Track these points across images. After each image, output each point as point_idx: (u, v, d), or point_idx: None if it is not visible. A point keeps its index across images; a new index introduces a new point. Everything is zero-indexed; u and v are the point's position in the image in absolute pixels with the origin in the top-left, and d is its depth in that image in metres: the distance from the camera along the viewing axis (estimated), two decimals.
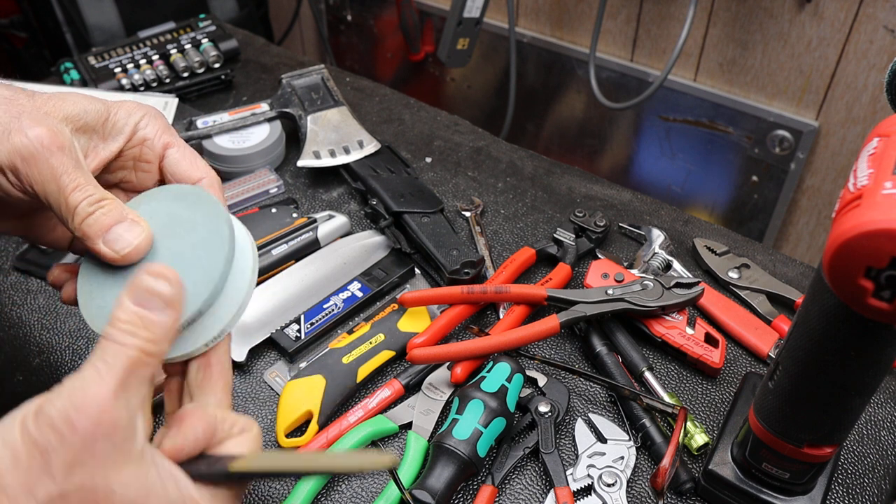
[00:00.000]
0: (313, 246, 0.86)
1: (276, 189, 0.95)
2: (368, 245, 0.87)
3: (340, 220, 0.88)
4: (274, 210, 0.90)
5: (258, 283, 0.81)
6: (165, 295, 0.42)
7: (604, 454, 0.66)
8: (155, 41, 1.14)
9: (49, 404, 0.39)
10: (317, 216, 0.88)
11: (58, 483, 0.37)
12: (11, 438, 0.38)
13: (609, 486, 0.64)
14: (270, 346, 0.77)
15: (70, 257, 0.81)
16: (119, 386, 0.39)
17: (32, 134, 0.46)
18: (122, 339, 0.40)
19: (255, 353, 0.76)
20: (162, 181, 0.55)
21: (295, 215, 0.89)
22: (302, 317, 0.78)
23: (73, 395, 0.38)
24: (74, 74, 1.09)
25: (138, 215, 0.49)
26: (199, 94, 1.14)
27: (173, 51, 1.13)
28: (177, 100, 1.05)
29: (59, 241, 0.57)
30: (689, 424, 0.68)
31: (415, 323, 0.77)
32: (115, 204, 0.48)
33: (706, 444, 0.67)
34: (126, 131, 0.53)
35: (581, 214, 0.88)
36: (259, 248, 0.83)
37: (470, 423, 0.64)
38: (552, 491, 0.64)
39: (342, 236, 0.89)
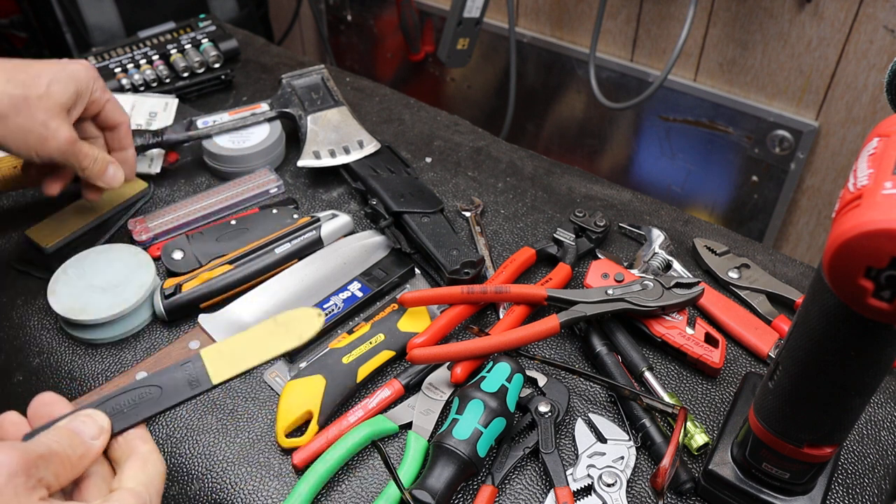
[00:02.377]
0: (316, 245, 0.86)
1: (276, 189, 0.95)
2: (368, 245, 0.87)
3: (343, 219, 0.88)
4: (275, 211, 0.90)
5: (259, 283, 0.81)
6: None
7: (604, 454, 0.66)
8: (155, 41, 1.14)
9: None
10: (320, 215, 0.88)
11: None
12: None
13: (609, 486, 0.64)
14: None
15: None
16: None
17: (62, 139, 0.75)
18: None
19: None
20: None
21: (296, 216, 0.89)
22: None
23: None
24: None
25: (117, 163, 0.83)
26: (199, 94, 1.14)
27: (173, 51, 1.13)
28: (177, 100, 1.05)
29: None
30: (689, 424, 0.68)
31: (415, 323, 0.77)
32: (103, 156, 0.81)
33: (706, 444, 0.67)
34: (87, 101, 0.79)
35: (581, 214, 0.88)
36: (262, 248, 0.84)
37: (470, 423, 0.64)
38: (552, 491, 0.64)
39: (345, 235, 0.89)
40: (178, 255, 0.84)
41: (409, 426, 0.70)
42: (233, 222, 0.88)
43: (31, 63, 0.75)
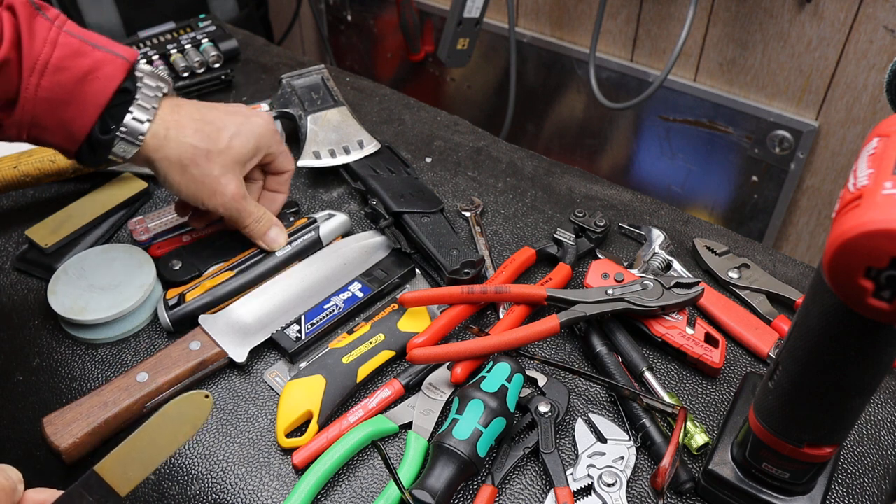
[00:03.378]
0: (316, 245, 0.86)
1: None
2: (369, 245, 0.87)
3: (341, 218, 0.88)
4: None
5: (260, 284, 0.81)
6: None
7: (604, 454, 0.66)
8: (155, 41, 1.14)
9: None
10: (317, 216, 0.88)
11: None
12: None
13: (609, 486, 0.64)
14: (271, 347, 0.77)
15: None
16: None
17: (230, 194, 0.78)
18: None
19: (255, 353, 0.76)
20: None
21: (292, 218, 0.89)
22: (302, 317, 0.78)
23: None
24: None
25: (282, 225, 0.85)
26: (199, 94, 1.14)
27: (173, 51, 1.13)
28: None
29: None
30: (689, 424, 0.68)
31: (415, 323, 0.77)
32: (268, 216, 0.83)
33: (706, 444, 0.67)
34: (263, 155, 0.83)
35: (581, 214, 0.88)
36: (262, 251, 0.84)
37: (470, 423, 0.64)
38: (552, 491, 0.64)
39: (343, 235, 0.89)
40: (177, 265, 0.83)
41: (409, 426, 0.70)
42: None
43: (217, 113, 0.78)
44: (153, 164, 0.76)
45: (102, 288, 0.78)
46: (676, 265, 0.84)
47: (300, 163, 0.94)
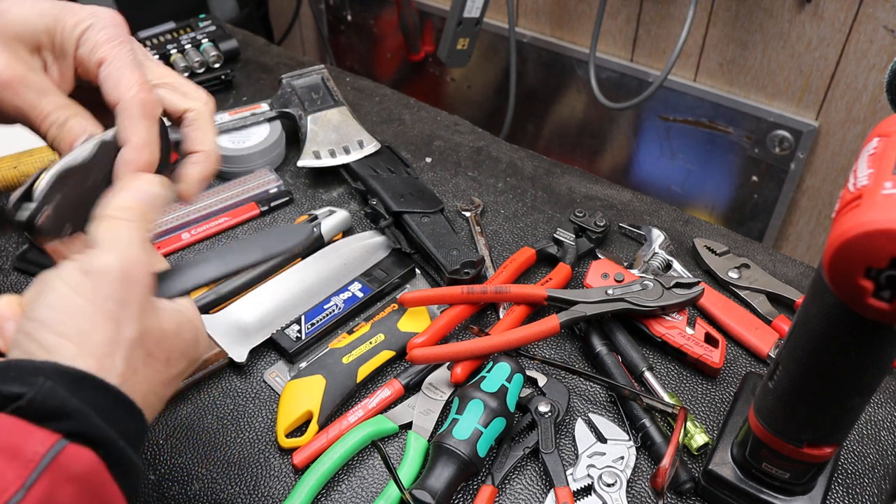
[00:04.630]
0: (317, 242, 0.86)
1: (276, 189, 0.95)
2: (369, 245, 0.87)
3: (341, 214, 0.89)
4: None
5: (260, 284, 0.81)
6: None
7: (604, 454, 0.66)
8: (155, 41, 1.14)
9: (100, 265, 0.44)
10: (317, 213, 0.88)
11: (134, 328, 0.44)
12: (75, 305, 0.43)
13: (609, 486, 0.64)
14: (271, 347, 0.77)
15: None
16: (143, 252, 0.46)
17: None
18: (128, 220, 0.47)
19: (255, 353, 0.76)
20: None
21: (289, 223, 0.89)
22: (302, 317, 0.78)
23: (120, 255, 0.45)
24: None
25: (95, 129, 0.52)
26: None
27: (173, 51, 1.13)
28: None
29: None
30: (689, 424, 0.68)
31: (415, 323, 0.77)
32: (76, 121, 0.52)
33: (706, 444, 0.67)
34: (70, 49, 0.52)
35: (581, 214, 0.88)
36: None
37: (470, 423, 0.64)
38: (552, 491, 0.64)
39: (344, 232, 0.89)
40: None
41: (409, 426, 0.70)
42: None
43: None
44: None
45: None
46: (676, 265, 0.84)
47: (300, 163, 0.94)
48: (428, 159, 1.02)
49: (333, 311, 0.79)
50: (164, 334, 0.47)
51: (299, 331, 0.77)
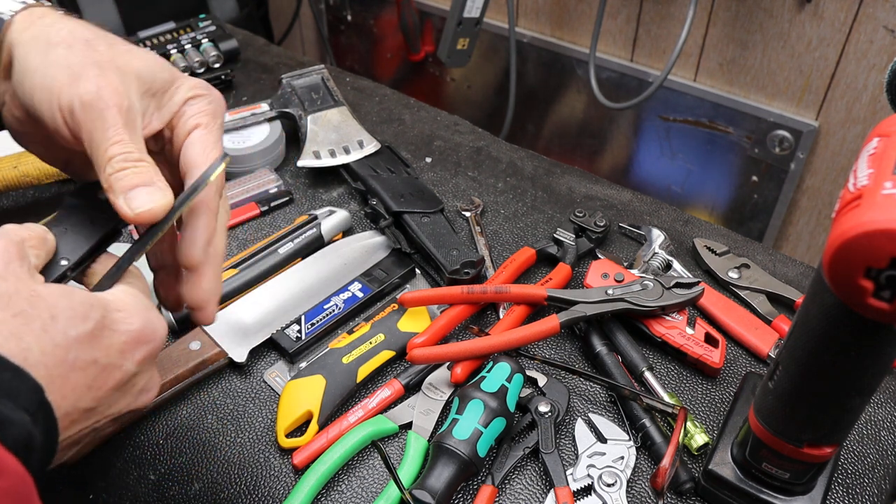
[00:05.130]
0: (318, 242, 0.86)
1: (276, 189, 0.95)
2: (369, 245, 0.87)
3: (341, 214, 0.89)
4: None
5: (261, 283, 0.81)
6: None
7: (604, 454, 0.66)
8: (155, 41, 1.14)
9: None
10: (317, 213, 0.88)
11: None
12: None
13: (609, 486, 0.64)
14: (271, 347, 0.77)
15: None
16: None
17: (97, 84, 0.49)
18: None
19: (255, 353, 0.76)
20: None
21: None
22: (302, 317, 0.78)
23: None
24: None
25: (167, 185, 0.50)
26: None
27: (173, 51, 1.13)
28: None
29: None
30: (689, 424, 0.68)
31: (415, 323, 0.77)
32: (148, 168, 0.49)
33: (706, 444, 0.67)
34: (174, 107, 0.54)
35: (581, 214, 0.88)
36: (264, 248, 0.84)
37: (470, 423, 0.64)
38: (552, 491, 0.64)
39: (344, 232, 0.89)
40: None
41: (409, 426, 0.70)
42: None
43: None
44: (10, 50, 0.53)
45: None
46: (676, 265, 0.84)
47: (300, 163, 0.94)
48: (428, 159, 1.02)
49: (333, 311, 0.79)
50: (37, 293, 0.42)
51: (299, 331, 0.77)
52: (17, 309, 0.41)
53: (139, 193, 0.48)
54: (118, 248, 0.54)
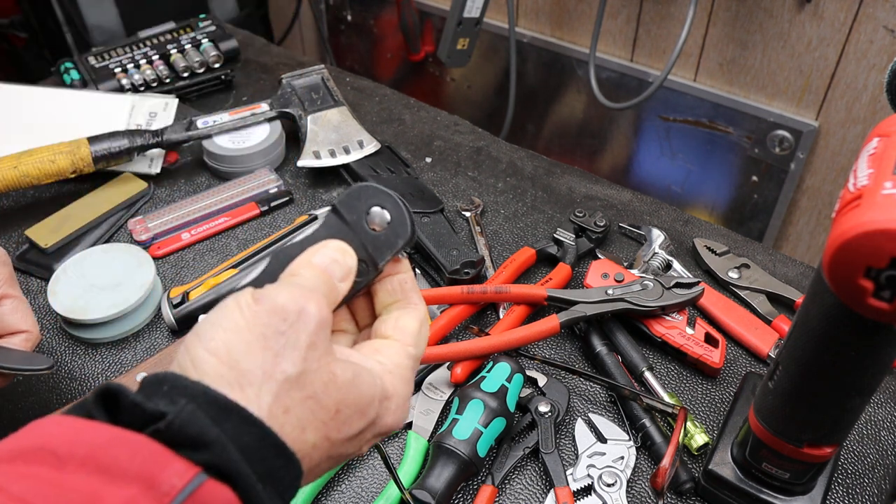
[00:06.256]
0: None
1: (276, 189, 0.95)
2: None
3: None
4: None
5: None
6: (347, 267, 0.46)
7: (604, 454, 0.66)
8: (155, 41, 1.14)
9: (273, 295, 0.40)
10: (317, 212, 0.88)
11: (296, 365, 0.39)
12: (235, 324, 0.40)
13: (609, 486, 0.64)
14: None
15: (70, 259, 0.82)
16: (324, 295, 0.42)
17: None
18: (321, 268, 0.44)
19: None
20: None
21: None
22: None
23: (296, 293, 0.41)
24: (74, 74, 1.09)
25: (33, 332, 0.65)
26: (199, 95, 1.14)
27: (173, 51, 1.13)
28: (177, 100, 1.05)
29: None
30: (689, 424, 0.68)
31: None
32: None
33: (706, 444, 0.67)
34: None
35: (581, 214, 0.88)
36: (264, 249, 0.84)
37: (470, 423, 0.64)
38: (552, 491, 0.64)
39: None
40: None
41: (409, 426, 0.70)
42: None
43: None
44: None
45: (102, 288, 0.78)
46: (676, 265, 0.84)
47: (300, 163, 0.94)
48: (428, 159, 1.02)
49: None
50: (333, 379, 0.41)
51: None
52: (311, 391, 0.40)
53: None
54: None
